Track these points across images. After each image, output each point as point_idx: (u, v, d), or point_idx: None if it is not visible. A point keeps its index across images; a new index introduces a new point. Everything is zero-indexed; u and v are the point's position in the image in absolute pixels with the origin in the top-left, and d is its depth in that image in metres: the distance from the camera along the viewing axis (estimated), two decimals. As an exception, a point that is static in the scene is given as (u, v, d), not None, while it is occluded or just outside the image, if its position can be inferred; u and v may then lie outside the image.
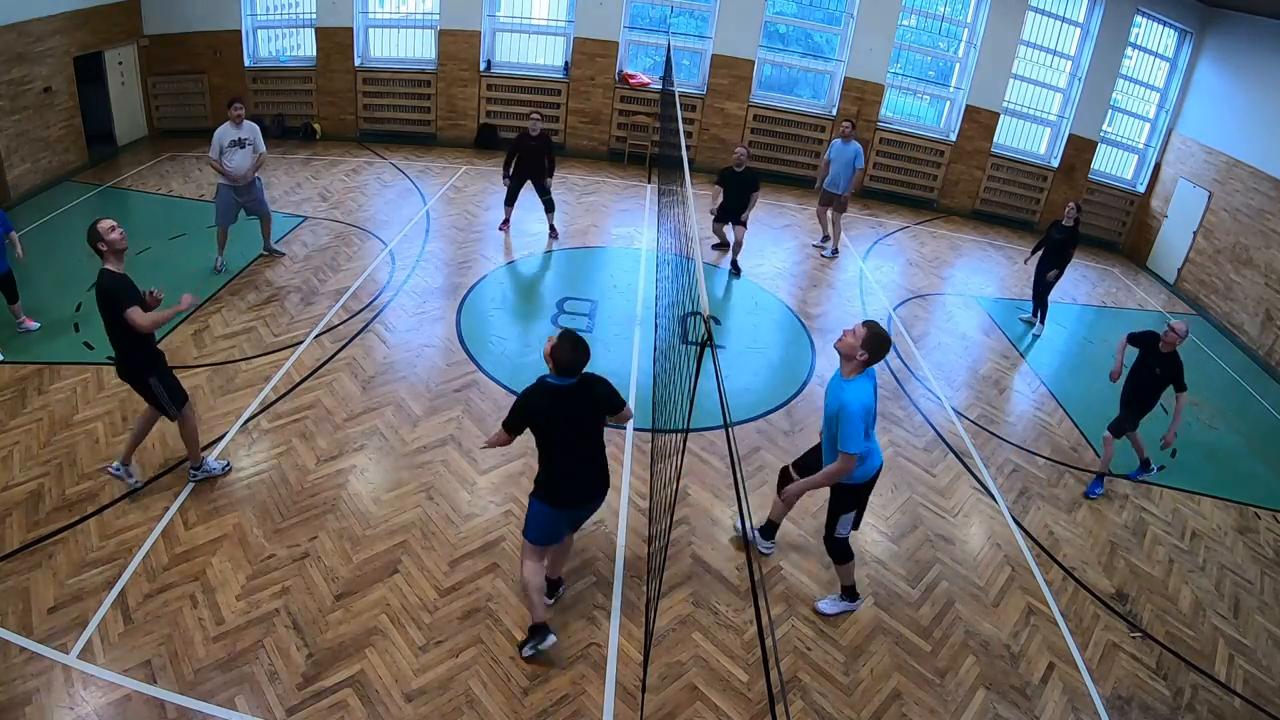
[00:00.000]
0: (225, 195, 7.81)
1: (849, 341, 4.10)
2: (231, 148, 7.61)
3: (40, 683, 3.73)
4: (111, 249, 4.52)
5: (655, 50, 13.23)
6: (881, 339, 4.08)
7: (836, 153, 9.86)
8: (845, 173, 9.81)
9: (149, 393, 4.80)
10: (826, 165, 10.04)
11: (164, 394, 4.80)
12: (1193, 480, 6.73)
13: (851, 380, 4.10)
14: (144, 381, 4.76)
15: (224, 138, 7.59)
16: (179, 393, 4.89)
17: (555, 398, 3.84)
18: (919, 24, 12.84)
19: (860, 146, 9.90)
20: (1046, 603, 5.10)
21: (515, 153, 9.10)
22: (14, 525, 4.62)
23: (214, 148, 7.60)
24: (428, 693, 3.93)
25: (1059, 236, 8.68)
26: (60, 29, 9.55)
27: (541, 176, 9.18)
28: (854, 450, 4.06)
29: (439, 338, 7.20)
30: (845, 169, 9.80)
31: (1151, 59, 12.36)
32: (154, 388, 4.77)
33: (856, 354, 4.07)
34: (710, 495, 5.61)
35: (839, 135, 9.92)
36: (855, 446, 4.06)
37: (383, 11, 12.87)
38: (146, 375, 4.74)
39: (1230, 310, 10.37)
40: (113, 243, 4.51)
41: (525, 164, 9.13)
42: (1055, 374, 8.33)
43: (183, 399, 4.91)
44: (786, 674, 4.30)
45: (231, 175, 7.67)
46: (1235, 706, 4.58)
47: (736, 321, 8.10)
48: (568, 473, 3.95)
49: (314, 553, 4.68)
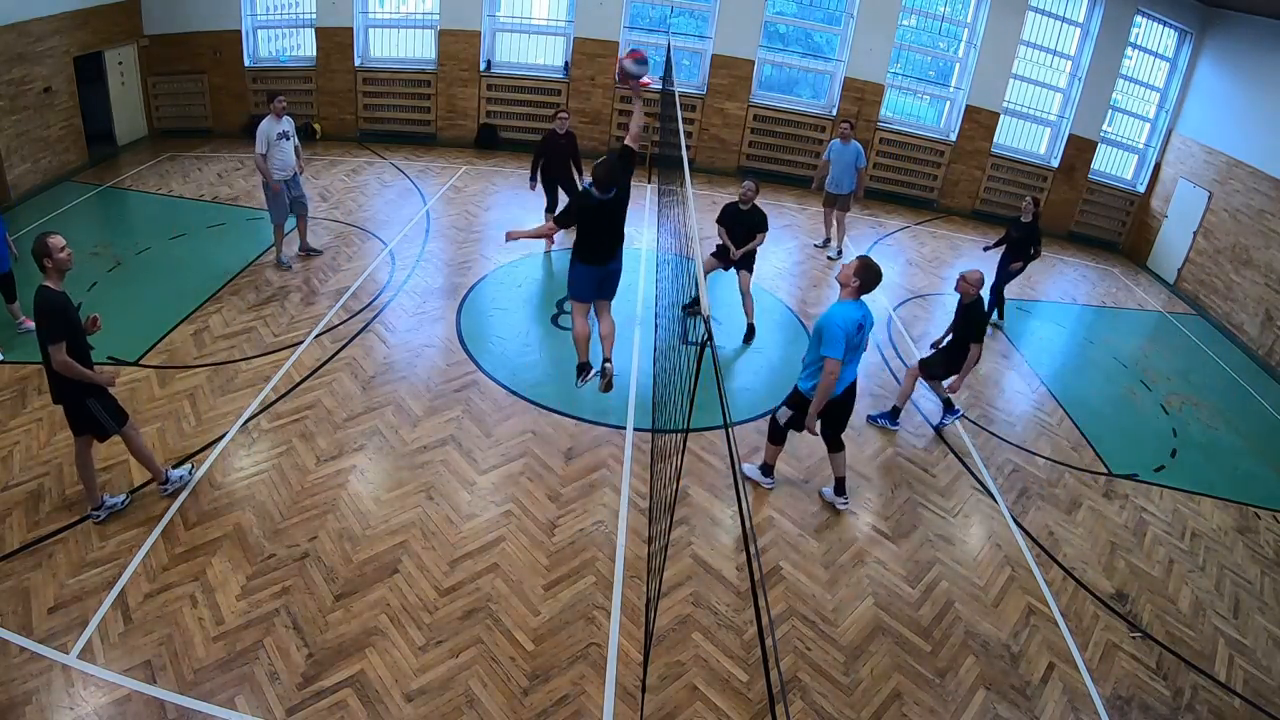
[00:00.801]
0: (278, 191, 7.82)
1: (845, 271, 5.01)
2: (279, 140, 7.66)
3: (40, 683, 3.73)
4: (57, 267, 4.31)
5: (655, 50, 13.21)
6: (870, 268, 4.94)
7: (836, 154, 9.85)
8: (848, 174, 9.80)
9: (85, 415, 4.50)
10: (825, 166, 10.03)
11: (103, 414, 4.54)
12: (1193, 480, 6.73)
13: (843, 302, 4.98)
14: (79, 403, 4.46)
15: (271, 131, 7.60)
16: (119, 411, 4.66)
17: (597, 206, 5.41)
18: (919, 24, 12.84)
19: (860, 146, 9.90)
20: (1046, 603, 5.10)
21: (544, 154, 8.96)
22: (14, 525, 4.62)
23: (261, 142, 7.58)
24: (428, 693, 3.93)
25: (1017, 235, 8.49)
26: (60, 29, 9.55)
27: (569, 177, 9.10)
28: (834, 355, 4.84)
29: (439, 338, 7.20)
30: (847, 170, 9.79)
31: (1151, 59, 12.36)
32: (91, 408, 4.48)
33: (850, 281, 4.97)
34: (710, 495, 5.61)
35: (838, 136, 9.90)
36: (835, 352, 4.85)
37: (383, 11, 12.87)
38: (82, 396, 4.44)
39: (1230, 310, 10.37)
40: (59, 261, 4.31)
41: (555, 165, 9.01)
42: (1055, 374, 8.33)
43: (124, 417, 4.68)
44: (786, 674, 4.30)
45: (282, 169, 7.73)
46: (1235, 706, 4.58)
47: (737, 322, 8.09)
48: (598, 246, 5.59)
49: (314, 553, 4.68)
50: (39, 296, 4.28)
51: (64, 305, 4.33)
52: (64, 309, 4.32)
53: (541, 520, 5.14)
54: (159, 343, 6.60)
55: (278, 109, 7.67)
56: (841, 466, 5.55)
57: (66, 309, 4.34)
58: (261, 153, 7.60)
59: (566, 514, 5.23)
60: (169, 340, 6.64)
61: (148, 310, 7.01)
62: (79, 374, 4.36)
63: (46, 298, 4.28)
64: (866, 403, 7.03)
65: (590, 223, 5.53)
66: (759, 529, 5.35)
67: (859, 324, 4.98)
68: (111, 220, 9.15)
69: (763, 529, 5.35)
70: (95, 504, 4.73)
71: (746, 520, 2.43)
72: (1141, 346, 9.51)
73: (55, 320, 4.26)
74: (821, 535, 5.38)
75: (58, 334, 4.26)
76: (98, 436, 4.66)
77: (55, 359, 4.26)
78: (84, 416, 4.52)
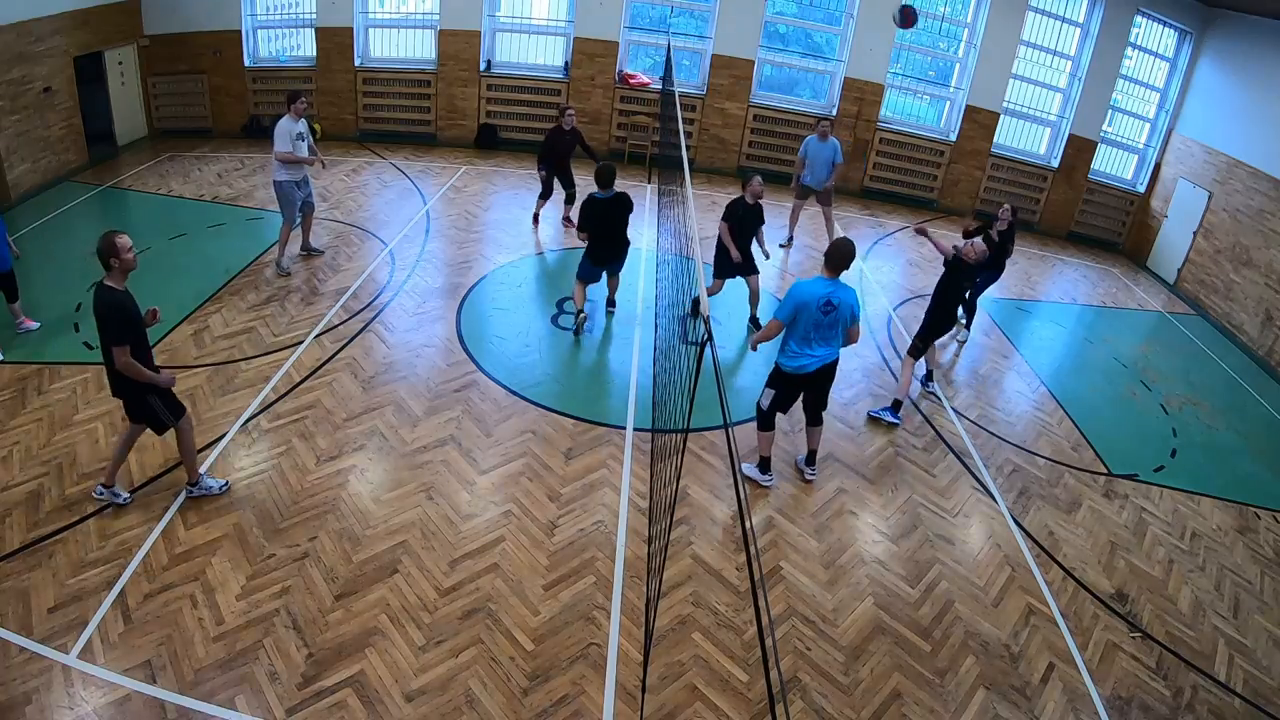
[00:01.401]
0: (290, 190, 7.78)
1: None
2: (298, 140, 7.64)
3: (40, 683, 3.73)
4: (123, 267, 4.38)
5: (655, 50, 13.23)
6: (836, 246, 5.25)
7: (814, 151, 9.80)
8: (825, 170, 9.85)
9: (146, 410, 4.60)
10: (802, 163, 9.99)
11: (162, 409, 4.63)
12: (1193, 480, 6.73)
13: (813, 279, 5.28)
14: (140, 399, 4.55)
15: (291, 130, 7.57)
16: (177, 404, 4.74)
17: (600, 204, 7.04)
18: (919, 24, 12.80)
19: (838, 142, 9.89)
20: (1046, 603, 5.10)
21: (550, 148, 9.45)
22: (14, 525, 4.62)
23: (283, 140, 7.53)
24: (428, 693, 3.93)
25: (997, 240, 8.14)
26: (60, 29, 9.55)
27: (568, 170, 9.77)
28: (780, 317, 5.29)
29: (439, 338, 7.20)
30: (825, 167, 9.83)
31: (1151, 59, 12.36)
32: (152, 404, 4.58)
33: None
34: (710, 495, 5.61)
35: (816, 134, 9.82)
36: (781, 315, 5.29)
37: (383, 11, 12.86)
38: (143, 392, 4.53)
39: (1230, 310, 10.37)
40: (126, 262, 4.37)
41: (557, 159, 9.55)
42: (1055, 374, 8.33)
43: (181, 411, 4.76)
44: (786, 674, 4.30)
45: (296, 170, 7.71)
46: (1235, 706, 4.58)
47: (737, 322, 8.10)
48: (604, 246, 7.25)
49: (314, 553, 4.68)
50: (103, 295, 4.33)
51: (128, 306, 4.40)
52: (128, 310, 4.39)
53: (541, 520, 5.14)
54: (159, 343, 6.59)
55: (299, 109, 7.63)
56: (816, 440, 5.87)
57: (131, 310, 4.41)
58: (285, 149, 7.56)
59: (566, 514, 5.23)
60: (169, 340, 6.64)
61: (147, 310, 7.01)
62: (142, 375, 4.44)
63: (112, 298, 4.33)
64: (866, 402, 7.04)
65: (598, 225, 7.05)
66: (759, 529, 5.35)
67: (823, 299, 5.18)
68: (111, 220, 9.14)
69: (763, 529, 5.35)
70: (108, 483, 4.82)
71: (746, 520, 2.43)
72: (1141, 346, 9.51)
73: (120, 322, 4.33)
74: (821, 535, 5.38)
75: (123, 336, 4.33)
76: (154, 428, 4.75)
77: (119, 360, 4.33)
78: (144, 410, 4.62)
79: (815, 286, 5.21)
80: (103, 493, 4.83)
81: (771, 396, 5.54)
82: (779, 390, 5.52)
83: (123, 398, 4.63)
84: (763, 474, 5.73)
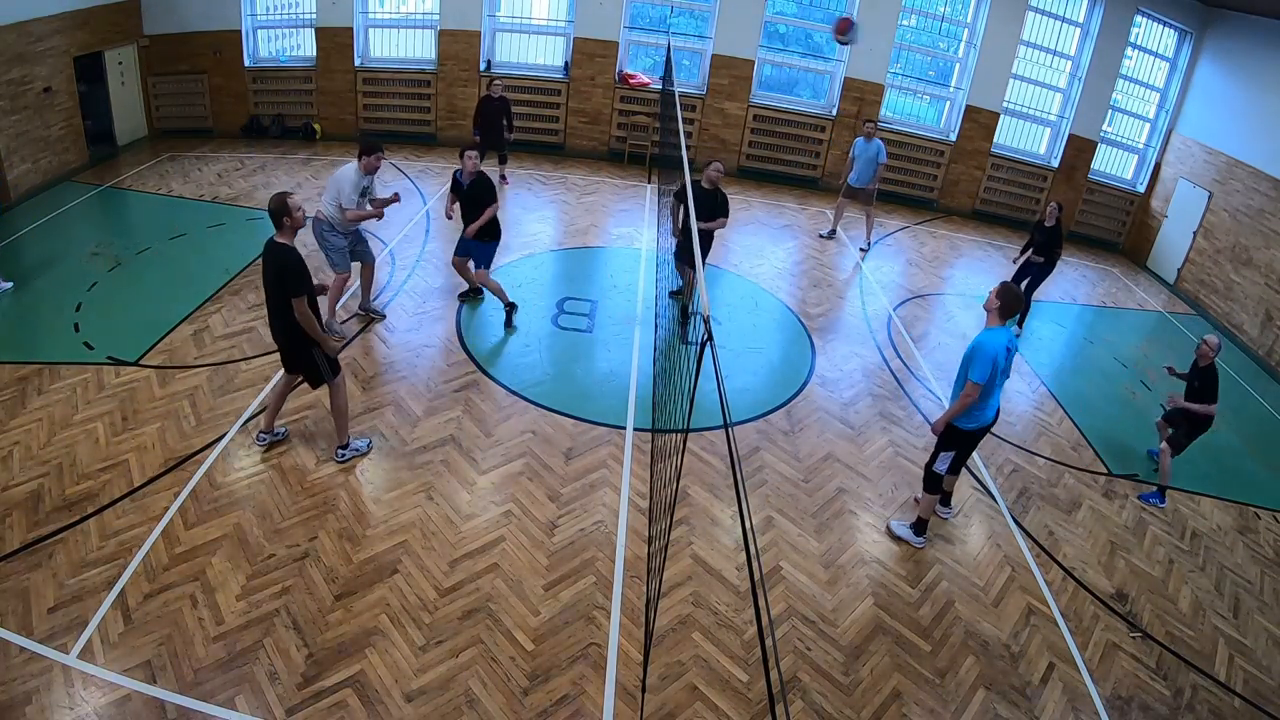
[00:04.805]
0: (338, 240, 6.68)
1: (990, 299, 4.96)
2: (363, 198, 6.59)
3: (40, 683, 3.73)
4: (294, 225, 4.76)
5: (655, 50, 13.23)
6: (1010, 291, 4.92)
7: (860, 150, 10.27)
8: (870, 168, 10.26)
9: (308, 362, 4.97)
10: (851, 163, 10.42)
11: (324, 362, 5.00)
12: (1193, 480, 6.73)
13: (990, 328, 4.91)
14: (305, 350, 4.92)
15: (358, 185, 6.45)
16: (335, 363, 5.11)
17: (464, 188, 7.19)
18: (919, 24, 12.83)
19: (882, 143, 10.27)
20: (1046, 603, 5.10)
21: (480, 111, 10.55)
22: (14, 525, 4.61)
23: (350, 195, 6.41)
24: (428, 693, 3.93)
25: (1041, 239, 8.68)
26: (60, 29, 9.55)
27: (500, 133, 10.62)
28: (978, 379, 4.80)
29: (439, 338, 7.20)
30: (869, 165, 10.24)
31: (1151, 59, 12.36)
32: (315, 356, 4.95)
33: (993, 304, 4.93)
34: (710, 495, 5.61)
35: (862, 134, 10.37)
36: (980, 376, 4.79)
37: (383, 11, 12.86)
38: (309, 344, 4.91)
39: (1230, 310, 10.37)
40: (296, 220, 4.75)
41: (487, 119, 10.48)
42: (1055, 374, 8.33)
43: (338, 369, 5.15)
44: (786, 674, 4.30)
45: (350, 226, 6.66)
46: (1235, 706, 4.58)
47: (736, 322, 8.10)
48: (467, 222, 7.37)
49: (314, 553, 4.68)
50: (280, 251, 4.73)
51: (303, 262, 4.79)
52: (304, 264, 4.79)
53: (541, 520, 5.14)
54: (159, 343, 6.60)
55: (371, 165, 6.45)
56: (930, 508, 5.41)
57: (304, 265, 4.80)
58: (353, 208, 6.46)
59: (566, 514, 5.23)
60: (169, 340, 6.64)
61: (148, 310, 7.01)
62: (314, 327, 4.84)
63: (289, 254, 4.73)
64: (866, 402, 7.04)
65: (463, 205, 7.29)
66: (759, 529, 5.35)
67: (1005, 348, 4.90)
68: (111, 220, 9.15)
69: (763, 529, 5.35)
70: (268, 429, 5.42)
71: (746, 520, 2.43)
72: (1141, 346, 9.51)
73: (299, 274, 4.73)
74: (821, 535, 5.38)
75: (301, 287, 4.72)
76: (310, 381, 5.12)
77: (298, 310, 4.73)
78: (305, 361, 5.01)
79: (999, 337, 4.84)
80: (264, 438, 5.41)
81: (950, 459, 5.19)
82: (960, 450, 5.18)
83: (285, 347, 5.02)
84: (916, 535, 5.43)
